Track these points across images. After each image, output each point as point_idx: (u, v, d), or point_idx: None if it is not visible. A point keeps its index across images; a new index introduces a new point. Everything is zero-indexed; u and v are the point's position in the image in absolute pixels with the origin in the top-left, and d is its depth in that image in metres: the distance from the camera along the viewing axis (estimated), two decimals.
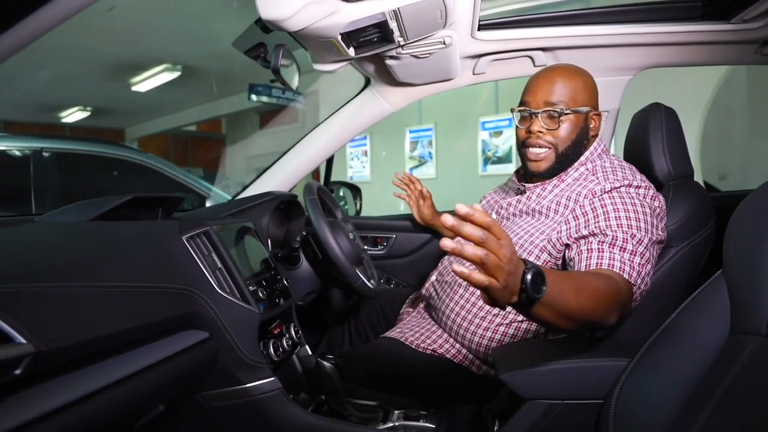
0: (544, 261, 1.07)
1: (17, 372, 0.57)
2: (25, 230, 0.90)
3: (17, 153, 2.82)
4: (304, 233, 1.33)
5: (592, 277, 0.88)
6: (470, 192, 4.50)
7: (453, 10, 1.02)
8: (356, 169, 5.88)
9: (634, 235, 0.97)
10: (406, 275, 1.72)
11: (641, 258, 0.96)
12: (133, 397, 0.74)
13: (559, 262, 1.07)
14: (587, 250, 0.98)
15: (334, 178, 1.87)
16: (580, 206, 1.04)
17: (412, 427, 1.03)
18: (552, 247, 1.06)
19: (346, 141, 1.60)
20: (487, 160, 4.94)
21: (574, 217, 1.04)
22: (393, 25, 1.01)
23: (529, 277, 0.67)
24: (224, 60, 6.28)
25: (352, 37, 1.03)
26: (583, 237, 1.01)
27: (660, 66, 1.45)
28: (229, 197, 3.27)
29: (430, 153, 5.36)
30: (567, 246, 1.04)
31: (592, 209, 1.02)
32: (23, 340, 0.58)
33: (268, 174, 1.63)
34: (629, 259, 0.95)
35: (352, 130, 1.58)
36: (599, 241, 0.97)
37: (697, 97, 3.51)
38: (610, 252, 0.95)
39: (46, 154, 2.84)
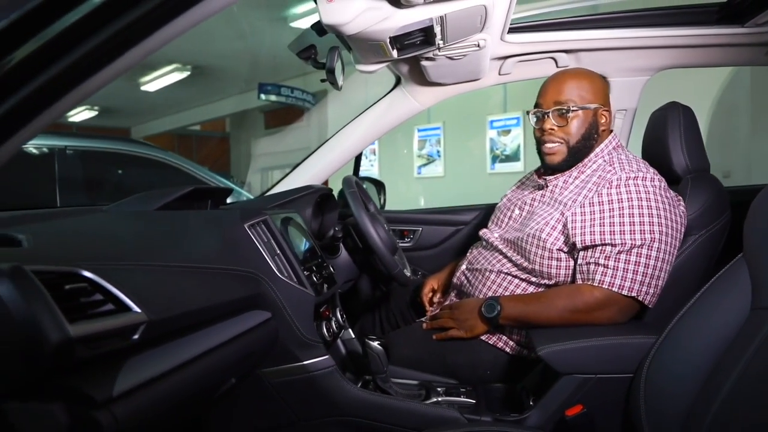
0: (560, 246, 1.15)
1: (135, 337, 0.65)
2: (105, 218, 0.98)
3: (42, 151, 2.89)
4: (341, 224, 1.41)
5: (560, 292, 1.12)
6: (477, 190, 4.59)
7: (492, 15, 1.10)
8: (365, 167, 5.93)
9: (644, 242, 1.06)
10: (433, 266, 1.80)
11: (646, 266, 1.06)
12: (217, 367, 0.82)
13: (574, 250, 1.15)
14: (586, 264, 1.10)
15: (341, 176, 1.93)
16: (597, 194, 1.13)
17: (455, 402, 1.11)
18: (566, 240, 1.14)
19: (375, 138, 1.68)
20: (495, 159, 5.03)
21: (590, 204, 1.12)
22: (437, 29, 1.09)
23: (482, 308, 1.16)
24: (230, 60, 6.36)
25: (398, 40, 1.11)
26: (590, 247, 1.10)
27: (676, 67, 1.53)
28: (250, 195, 3.34)
29: (438, 151, 5.45)
30: (574, 246, 1.13)
31: (608, 200, 1.11)
32: (138, 310, 0.65)
33: (301, 169, 1.71)
34: (633, 269, 1.06)
35: (382, 128, 1.66)
36: (606, 256, 1.08)
37: (702, 97, 3.60)
38: (605, 267, 1.07)
39: (69, 152, 2.91)
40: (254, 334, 0.93)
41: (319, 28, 1.04)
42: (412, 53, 1.22)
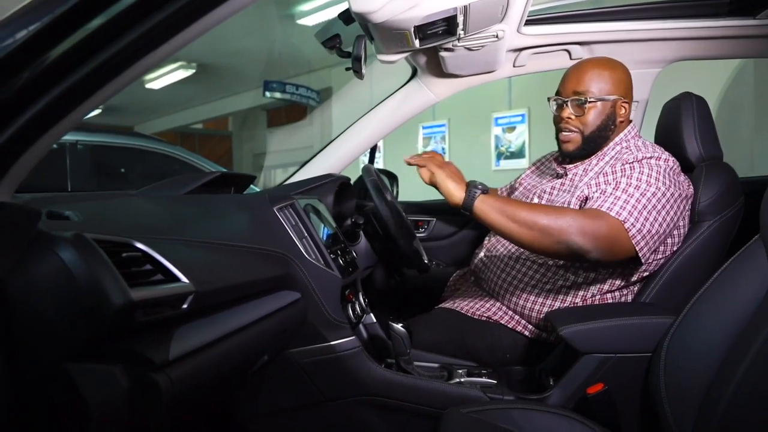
0: None
1: (184, 307, 0.67)
2: (137, 199, 1.00)
3: (53, 145, 2.91)
4: (361, 212, 1.44)
5: (549, 206, 1.14)
6: None
7: (512, 6, 1.13)
8: None
9: (644, 190, 1.08)
10: (446, 257, 1.83)
11: (638, 201, 1.06)
12: (254, 341, 0.85)
13: None
14: (589, 205, 1.12)
15: (349, 172, 1.95)
16: (612, 172, 1.16)
17: (477, 382, 1.13)
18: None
19: (391, 129, 1.70)
20: (500, 156, 5.07)
21: (604, 175, 1.17)
22: (460, 18, 1.11)
23: (469, 183, 1.10)
24: (236, 57, 6.38)
25: (421, 29, 1.14)
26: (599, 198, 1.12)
27: (687, 59, 1.56)
28: (258, 189, 3.37)
29: (443, 148, 5.49)
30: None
31: (621, 170, 1.15)
32: (186, 281, 0.68)
33: (318, 159, 1.74)
34: (625, 200, 1.07)
35: (397, 119, 1.69)
36: (602, 191, 1.11)
37: (705, 95, 3.62)
38: (600, 196, 1.10)
39: (80, 147, 2.94)
40: (286, 312, 0.96)
41: (346, 16, 1.06)
42: (434, 43, 1.25)
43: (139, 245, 0.66)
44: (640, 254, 1.07)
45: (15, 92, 0.55)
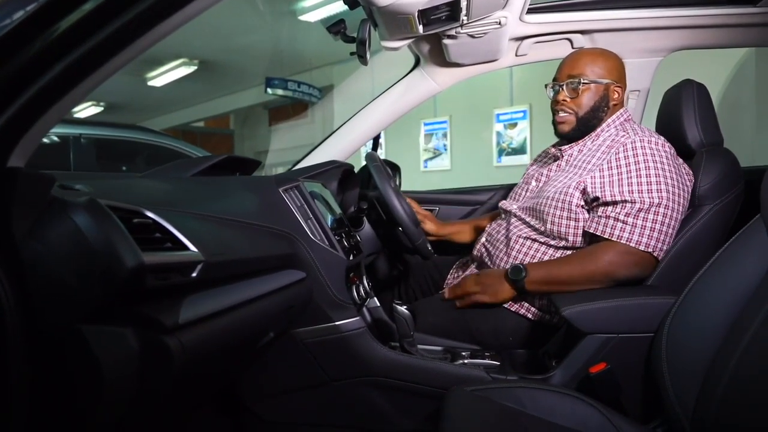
0: (579, 209, 1.20)
1: (194, 275, 0.69)
2: (145, 180, 1.01)
3: (53, 140, 2.92)
4: (362, 198, 1.45)
5: (581, 254, 1.17)
6: (484, 183, 4.62)
7: None
8: None
9: (661, 200, 1.12)
10: (449, 245, 1.84)
11: (662, 224, 1.12)
12: (260, 315, 0.86)
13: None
14: (606, 217, 1.15)
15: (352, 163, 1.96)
16: (615, 157, 1.19)
17: (481, 364, 1.14)
18: (585, 198, 1.19)
19: (395, 119, 1.72)
20: (501, 152, 5.09)
21: (608, 165, 1.18)
22: (463, 3, 1.13)
23: (509, 272, 1.18)
24: (238, 54, 6.40)
25: (425, 14, 1.15)
26: (610, 203, 1.16)
27: (689, 48, 1.57)
28: None
29: (444, 145, 5.51)
30: (594, 201, 1.18)
31: (626, 162, 1.17)
32: (196, 250, 0.69)
33: (321, 148, 1.75)
34: (650, 227, 1.12)
35: (401, 108, 1.70)
36: (626, 213, 1.13)
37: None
38: (624, 224, 1.13)
39: (84, 141, 2.96)
40: (291, 290, 0.97)
41: (351, 1, 1.07)
42: (437, 29, 1.26)
43: (150, 214, 0.67)
44: (659, 261, 1.14)
45: (27, 62, 0.56)
